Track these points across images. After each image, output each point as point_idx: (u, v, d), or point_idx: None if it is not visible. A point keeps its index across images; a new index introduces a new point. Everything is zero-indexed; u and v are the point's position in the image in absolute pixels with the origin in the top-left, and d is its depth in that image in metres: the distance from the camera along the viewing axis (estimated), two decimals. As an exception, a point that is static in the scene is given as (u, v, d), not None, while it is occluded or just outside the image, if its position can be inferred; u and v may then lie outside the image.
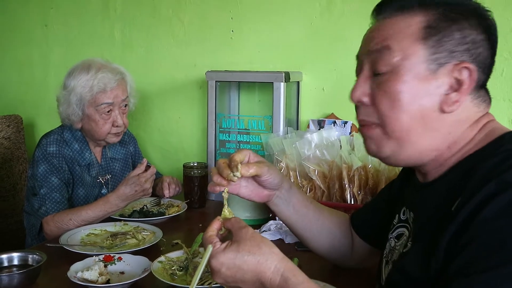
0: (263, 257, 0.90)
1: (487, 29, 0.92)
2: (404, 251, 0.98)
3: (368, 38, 0.98)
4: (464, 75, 0.89)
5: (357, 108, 1.01)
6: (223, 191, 1.09)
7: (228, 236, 0.97)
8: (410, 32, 0.91)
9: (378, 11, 0.99)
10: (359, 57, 1.01)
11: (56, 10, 2.86)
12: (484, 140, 0.92)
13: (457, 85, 0.90)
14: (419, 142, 0.93)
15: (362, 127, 1.00)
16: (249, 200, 1.25)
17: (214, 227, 0.98)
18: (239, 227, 0.94)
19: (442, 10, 0.91)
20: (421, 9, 0.92)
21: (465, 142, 0.93)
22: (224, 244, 0.92)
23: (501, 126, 0.95)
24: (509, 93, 1.98)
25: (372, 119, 0.97)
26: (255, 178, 1.19)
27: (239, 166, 1.10)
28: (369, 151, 1.01)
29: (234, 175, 1.10)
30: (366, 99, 0.97)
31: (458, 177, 0.90)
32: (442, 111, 0.91)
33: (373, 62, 0.96)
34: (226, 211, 1.03)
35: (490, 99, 0.97)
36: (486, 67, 0.93)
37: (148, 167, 1.84)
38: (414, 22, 0.91)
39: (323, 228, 1.33)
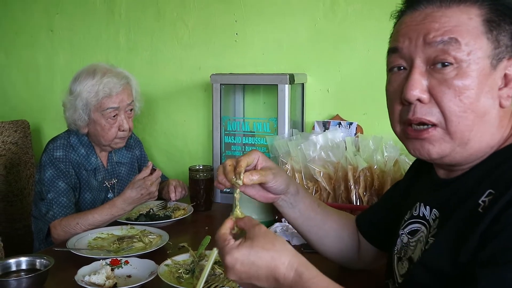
0: (277, 253, 0.89)
1: None
2: (426, 247, 0.97)
3: (419, 29, 0.91)
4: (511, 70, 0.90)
5: (408, 107, 0.94)
6: (235, 192, 1.09)
7: (240, 236, 0.97)
8: (474, 25, 0.88)
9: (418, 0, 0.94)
10: (402, 51, 0.94)
11: (61, 15, 2.87)
12: (511, 138, 0.93)
13: (506, 80, 0.90)
14: (481, 140, 0.91)
15: (419, 132, 0.93)
16: (254, 199, 1.24)
17: (227, 226, 0.97)
18: (252, 225, 0.94)
19: (491, 3, 0.89)
20: (474, 0, 0.90)
21: (501, 134, 0.93)
22: (238, 241, 0.92)
23: None
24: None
25: (431, 118, 0.91)
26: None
27: (242, 175, 1.10)
28: (424, 154, 0.95)
29: (236, 182, 1.10)
30: (425, 96, 0.91)
31: (484, 172, 0.90)
32: (501, 106, 0.90)
33: (432, 55, 0.90)
34: (238, 211, 1.03)
35: None
36: None
37: (153, 170, 1.85)
38: (473, 15, 0.89)
39: (330, 231, 1.33)
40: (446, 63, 0.88)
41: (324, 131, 2.11)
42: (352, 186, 1.76)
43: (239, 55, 2.45)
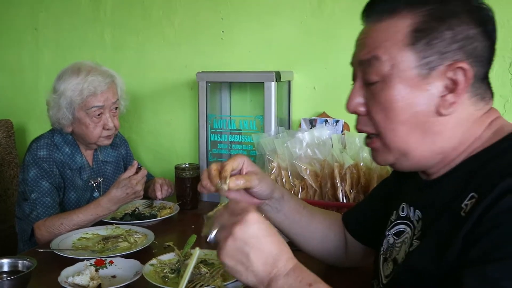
0: (284, 243, 0.89)
1: (482, 21, 0.89)
2: (411, 249, 0.97)
3: (358, 46, 0.97)
4: (459, 75, 0.87)
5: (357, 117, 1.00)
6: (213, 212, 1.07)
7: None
8: (398, 39, 0.89)
9: (366, 14, 0.96)
10: (352, 64, 0.99)
11: (46, 14, 2.84)
12: (493, 138, 0.90)
13: (453, 86, 0.88)
14: (421, 149, 0.92)
15: (366, 139, 1.00)
16: None
17: None
18: None
19: (430, 9, 0.88)
20: (409, 10, 0.89)
21: (472, 140, 0.91)
22: None
23: (510, 124, 0.93)
24: (500, 89, 1.98)
25: (369, 129, 0.96)
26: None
27: (228, 180, 1.10)
28: (375, 161, 1.01)
29: (222, 186, 1.09)
30: (362, 109, 0.96)
31: (465, 174, 0.89)
32: (440, 114, 0.89)
33: (364, 72, 0.94)
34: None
35: (491, 94, 0.94)
36: (485, 59, 0.90)
37: (139, 169, 1.83)
38: (402, 27, 0.89)
39: (315, 232, 1.32)
40: (373, 81, 0.92)
41: (311, 128, 2.10)
42: (338, 184, 1.75)
43: (226, 53, 2.44)
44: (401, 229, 1.04)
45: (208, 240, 0.91)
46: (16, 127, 2.74)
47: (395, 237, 1.05)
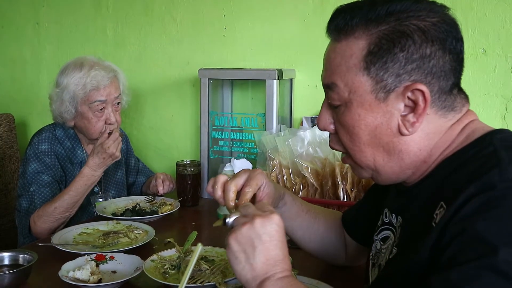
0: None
1: (438, 38, 0.86)
2: (390, 257, 0.97)
3: (323, 65, 0.97)
4: (417, 96, 0.86)
5: None
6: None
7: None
8: (353, 64, 0.89)
9: (328, 30, 0.95)
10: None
11: (47, 8, 2.84)
12: (464, 142, 0.89)
13: (414, 105, 0.87)
14: (390, 165, 0.93)
15: (342, 155, 1.02)
16: None
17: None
18: None
19: (383, 30, 0.86)
20: (363, 30, 0.88)
21: (443, 148, 0.91)
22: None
23: (483, 126, 0.92)
24: (501, 89, 1.98)
25: (339, 148, 0.98)
26: None
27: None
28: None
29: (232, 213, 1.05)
30: (331, 127, 0.98)
31: (438, 181, 0.88)
32: (402, 134, 0.89)
33: (327, 95, 0.96)
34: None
35: (466, 99, 0.93)
36: (449, 73, 0.88)
37: (109, 134, 1.91)
38: (356, 49, 0.89)
39: (316, 234, 1.33)
40: (335, 105, 0.93)
41: (312, 126, 2.10)
42: (339, 182, 1.75)
43: (228, 50, 2.44)
44: (386, 235, 1.04)
45: (226, 222, 0.95)
46: (17, 121, 2.74)
47: (381, 243, 1.05)
